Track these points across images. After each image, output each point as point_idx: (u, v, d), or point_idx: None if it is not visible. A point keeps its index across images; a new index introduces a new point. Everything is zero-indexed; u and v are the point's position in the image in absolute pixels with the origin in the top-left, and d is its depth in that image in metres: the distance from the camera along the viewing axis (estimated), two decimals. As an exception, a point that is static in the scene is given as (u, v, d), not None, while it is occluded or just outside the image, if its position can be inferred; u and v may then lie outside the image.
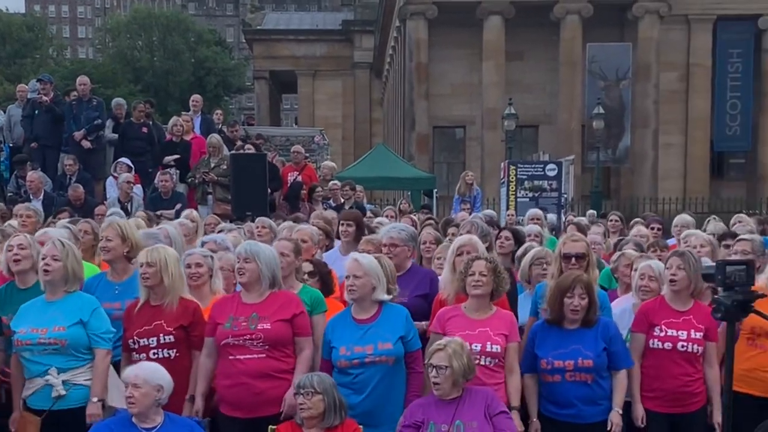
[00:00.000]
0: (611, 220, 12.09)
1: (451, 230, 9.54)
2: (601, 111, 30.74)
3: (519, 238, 8.59)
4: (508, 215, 16.56)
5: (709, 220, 10.94)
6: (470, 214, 14.98)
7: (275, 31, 53.01)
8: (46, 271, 5.76)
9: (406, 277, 6.82)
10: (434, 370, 5.33)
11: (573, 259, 6.63)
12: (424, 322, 6.34)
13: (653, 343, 6.26)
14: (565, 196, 23.67)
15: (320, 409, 5.24)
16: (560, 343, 6.00)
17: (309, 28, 53.45)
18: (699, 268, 6.09)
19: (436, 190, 24.23)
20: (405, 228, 7.43)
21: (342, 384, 5.59)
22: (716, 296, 3.93)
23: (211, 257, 6.45)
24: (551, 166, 23.01)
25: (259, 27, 53.65)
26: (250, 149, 14.93)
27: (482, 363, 5.79)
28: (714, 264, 4.15)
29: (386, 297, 5.85)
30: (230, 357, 5.66)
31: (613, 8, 33.68)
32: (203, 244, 7.59)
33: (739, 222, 10.80)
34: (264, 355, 5.62)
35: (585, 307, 6.00)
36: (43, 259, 5.81)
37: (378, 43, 47.79)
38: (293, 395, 5.39)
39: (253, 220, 10.19)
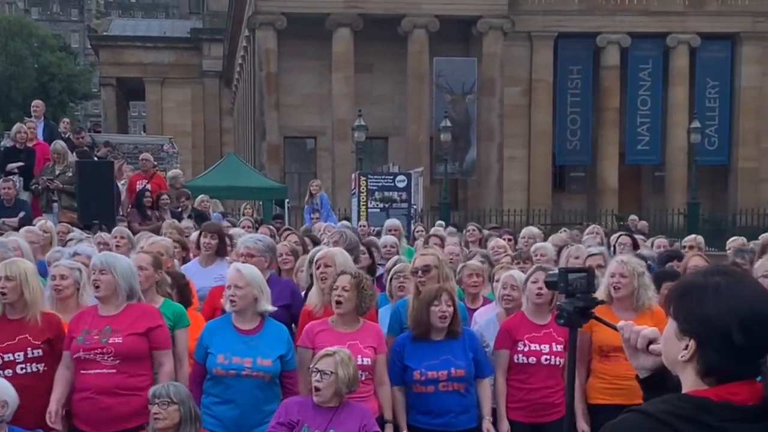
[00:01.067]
0: (469, 231, 12.34)
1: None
2: (449, 124, 31.23)
3: (371, 252, 8.66)
4: (361, 226, 16.76)
5: (562, 231, 11.33)
6: (319, 221, 15.08)
7: (122, 37, 51.86)
8: None
9: (267, 287, 6.81)
10: (319, 374, 5.26)
11: (419, 272, 6.62)
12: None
13: (518, 358, 6.41)
14: (415, 207, 24.00)
15: (176, 420, 5.10)
16: (431, 354, 6.05)
17: (157, 36, 52.49)
18: None
19: (288, 200, 24.20)
20: (262, 238, 7.39)
21: (212, 392, 5.53)
22: (559, 303, 3.98)
23: (80, 270, 6.19)
24: (401, 177, 23.32)
25: (105, 33, 52.36)
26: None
27: None
28: (557, 272, 4.20)
29: (269, 308, 5.80)
30: (82, 371, 5.50)
31: (459, 23, 34.24)
32: (74, 255, 7.31)
33: (596, 233, 11.30)
34: (114, 371, 5.46)
35: (452, 314, 6.06)
36: None
37: (227, 52, 47.33)
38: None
39: (101, 229, 9.96)
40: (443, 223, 19.85)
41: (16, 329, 5.64)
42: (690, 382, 2.32)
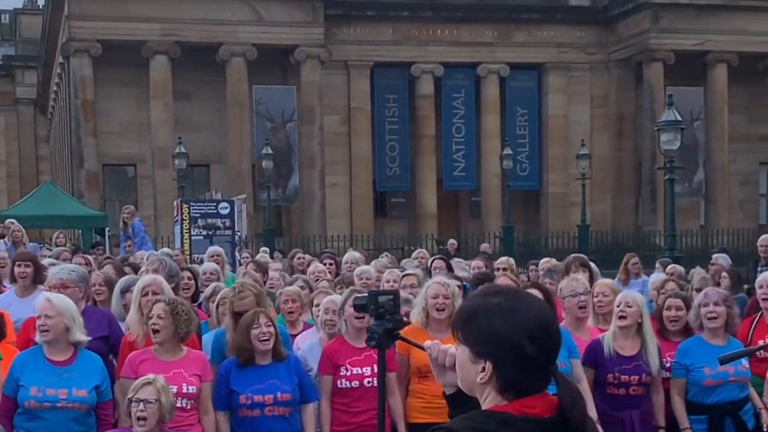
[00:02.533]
0: (297, 258, 12.57)
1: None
2: (270, 151, 31.40)
3: (196, 278, 8.72)
4: (176, 255, 16.56)
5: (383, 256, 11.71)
6: (133, 249, 14.93)
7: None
8: None
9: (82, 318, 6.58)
10: (141, 404, 5.19)
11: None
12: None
13: (341, 383, 6.49)
14: (239, 234, 23.99)
15: None
16: (257, 378, 6.09)
17: (-33, 63, 50.32)
18: None
19: (108, 228, 23.74)
20: (75, 269, 7.26)
21: (23, 427, 5.43)
22: (370, 325, 4.08)
23: None
24: (224, 204, 23.22)
25: None
26: None
27: (179, 405, 5.76)
28: (367, 294, 4.46)
29: (83, 338, 5.71)
30: None
31: (277, 52, 34.46)
32: None
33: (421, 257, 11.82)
34: None
35: (273, 334, 6.13)
36: None
37: (42, 79, 45.85)
38: None
39: None
40: (267, 249, 20.02)
41: None
42: (490, 399, 2.42)
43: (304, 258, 12.43)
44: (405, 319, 5.73)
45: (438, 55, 36.16)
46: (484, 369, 2.41)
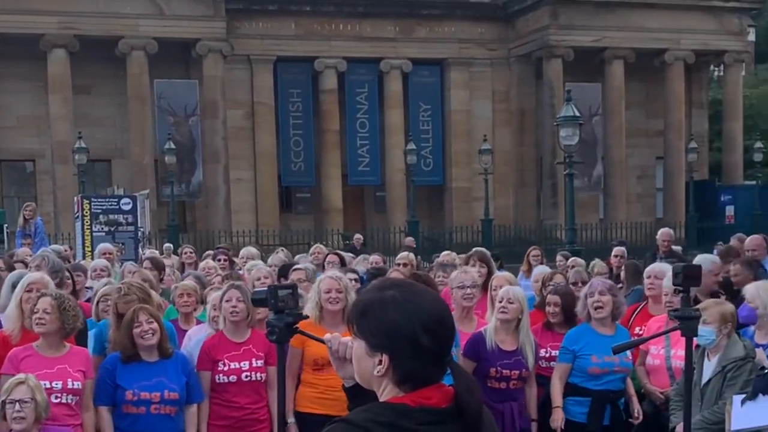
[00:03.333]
0: (185, 253, 12.50)
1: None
2: (173, 146, 31.14)
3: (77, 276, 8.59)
4: (65, 249, 16.12)
5: (278, 251, 11.73)
6: (32, 247, 14.68)
7: None
8: None
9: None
10: (17, 404, 5.12)
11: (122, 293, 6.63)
12: None
13: (219, 378, 6.50)
14: (142, 230, 23.73)
15: None
16: (144, 375, 6.06)
17: None
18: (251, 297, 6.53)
19: (6, 225, 23.22)
20: None
21: None
22: (269, 319, 4.08)
23: None
24: (126, 200, 22.98)
25: None
26: None
27: (64, 401, 5.72)
28: (266, 289, 4.47)
29: None
30: None
31: (178, 46, 34.12)
32: None
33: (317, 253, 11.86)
34: None
35: (156, 330, 6.11)
36: None
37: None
38: None
39: None
40: (171, 245, 19.88)
41: None
42: (387, 391, 2.45)
43: (193, 253, 12.38)
44: (304, 313, 5.81)
45: (341, 50, 36.20)
46: (380, 362, 2.44)
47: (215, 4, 34.08)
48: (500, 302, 6.91)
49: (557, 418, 6.95)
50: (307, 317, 6.11)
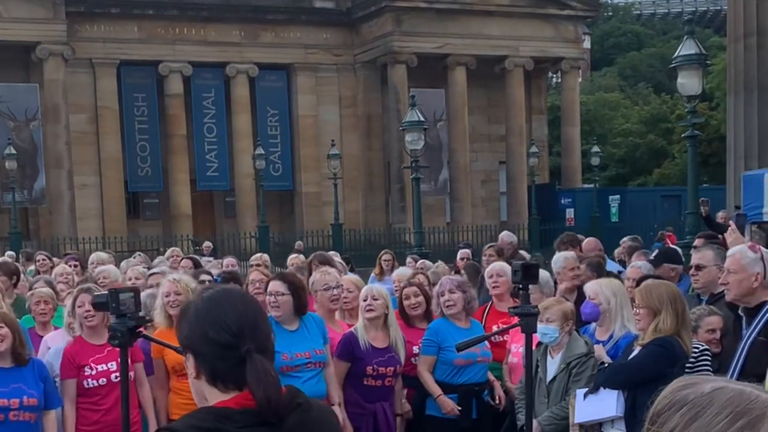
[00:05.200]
0: (42, 260, 12.32)
1: None
2: (13, 151, 30.30)
3: None
4: None
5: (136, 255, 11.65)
6: None
7: None
8: None
9: None
10: None
11: None
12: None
13: (88, 383, 6.44)
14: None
15: None
16: (1, 380, 5.97)
17: None
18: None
19: None
20: None
21: None
22: (111, 323, 4.08)
23: None
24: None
25: None
26: None
27: None
28: (106, 292, 4.42)
29: None
30: None
31: (17, 49, 33.14)
32: None
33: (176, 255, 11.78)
34: None
35: (6, 336, 6.02)
36: None
37: None
38: None
39: None
40: (13, 253, 19.29)
41: None
42: (208, 395, 2.46)
43: (46, 259, 12.20)
44: (147, 317, 5.84)
45: (186, 54, 35.86)
46: (189, 363, 2.50)
47: (55, 6, 33.22)
48: (365, 300, 7.04)
49: (449, 406, 7.08)
50: (150, 321, 6.19)
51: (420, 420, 7.35)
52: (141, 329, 4.10)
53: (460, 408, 7.10)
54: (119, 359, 6.44)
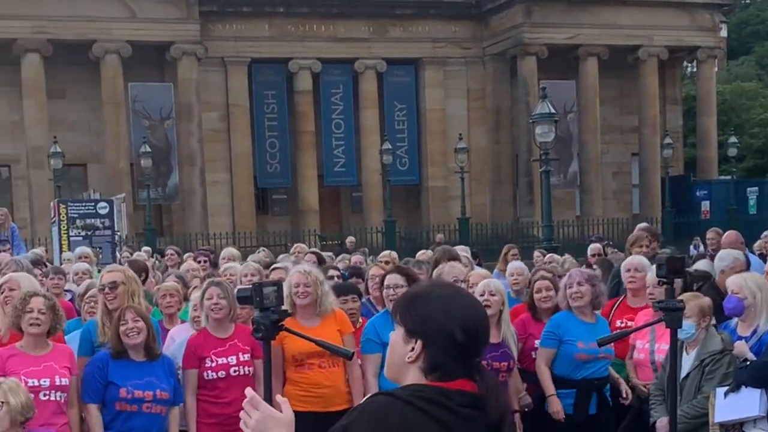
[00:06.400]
0: (170, 255, 12.52)
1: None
2: (148, 150, 31.06)
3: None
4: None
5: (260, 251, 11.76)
6: (11, 253, 14.60)
7: None
8: None
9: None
10: None
11: (106, 289, 6.64)
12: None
13: (208, 375, 6.51)
14: (119, 233, 23.68)
15: None
16: (135, 373, 6.09)
17: None
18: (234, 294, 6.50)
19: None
20: None
21: None
22: (255, 317, 4.13)
23: None
24: (102, 204, 22.90)
25: None
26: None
27: (53, 398, 5.75)
28: (250, 286, 4.44)
29: None
30: None
31: (152, 49, 33.97)
32: None
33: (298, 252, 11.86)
34: None
35: (142, 329, 6.15)
36: None
37: None
38: None
39: None
40: (149, 249, 19.83)
41: None
42: (414, 379, 2.61)
43: (175, 254, 12.40)
44: (288, 310, 5.82)
45: (315, 51, 36.17)
46: (413, 348, 2.61)
47: (189, 6, 33.99)
48: (482, 296, 6.89)
49: (557, 408, 7.01)
50: (291, 314, 6.15)
51: (541, 414, 7.22)
52: (283, 322, 4.08)
53: (565, 413, 7.00)
54: (243, 352, 6.58)
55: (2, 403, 5.10)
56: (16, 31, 31.77)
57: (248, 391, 2.80)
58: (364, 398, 2.64)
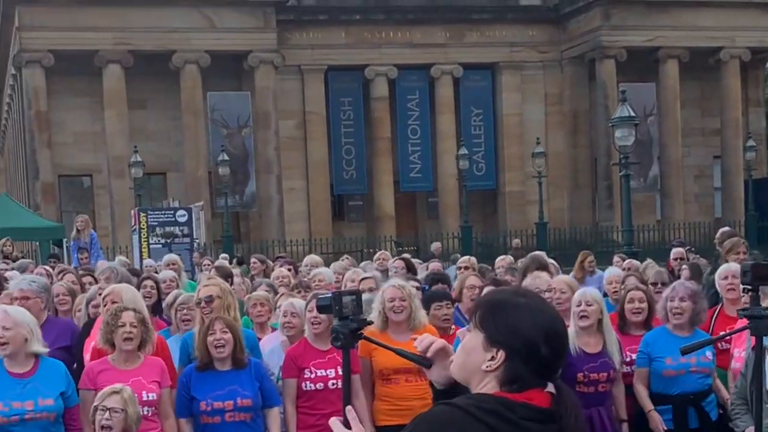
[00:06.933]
0: (253, 263, 12.60)
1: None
2: (226, 158, 31.36)
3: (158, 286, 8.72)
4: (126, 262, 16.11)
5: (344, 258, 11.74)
6: (89, 260, 14.82)
7: None
8: None
9: (44, 329, 6.48)
10: (108, 412, 5.14)
11: (203, 303, 6.70)
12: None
13: (306, 386, 6.52)
14: (198, 241, 23.97)
15: None
16: (217, 384, 6.13)
17: None
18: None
19: (66, 239, 23.59)
20: (36, 279, 7.31)
21: None
22: (334, 326, 4.19)
23: None
24: (181, 212, 23.25)
25: None
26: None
27: (141, 413, 5.70)
28: (330, 295, 4.45)
29: (42, 349, 5.67)
30: None
31: (230, 58, 34.35)
32: None
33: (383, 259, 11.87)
34: None
35: (229, 341, 6.17)
36: None
37: (-7, 91, 45.32)
38: None
39: None
40: (227, 255, 20.02)
41: None
42: (487, 388, 2.53)
43: (258, 262, 12.46)
44: (368, 319, 5.76)
45: (391, 57, 36.20)
46: (494, 357, 2.53)
47: (266, 15, 34.31)
48: (579, 306, 6.78)
49: (656, 423, 6.90)
50: (371, 323, 6.09)
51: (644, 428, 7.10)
52: (362, 331, 4.04)
53: (666, 429, 6.89)
54: (341, 365, 6.52)
55: (122, 410, 5.16)
56: (97, 42, 32.42)
57: (349, 410, 2.80)
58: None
